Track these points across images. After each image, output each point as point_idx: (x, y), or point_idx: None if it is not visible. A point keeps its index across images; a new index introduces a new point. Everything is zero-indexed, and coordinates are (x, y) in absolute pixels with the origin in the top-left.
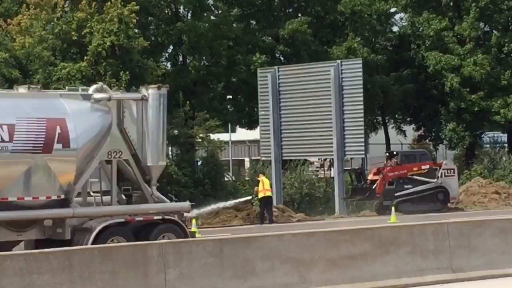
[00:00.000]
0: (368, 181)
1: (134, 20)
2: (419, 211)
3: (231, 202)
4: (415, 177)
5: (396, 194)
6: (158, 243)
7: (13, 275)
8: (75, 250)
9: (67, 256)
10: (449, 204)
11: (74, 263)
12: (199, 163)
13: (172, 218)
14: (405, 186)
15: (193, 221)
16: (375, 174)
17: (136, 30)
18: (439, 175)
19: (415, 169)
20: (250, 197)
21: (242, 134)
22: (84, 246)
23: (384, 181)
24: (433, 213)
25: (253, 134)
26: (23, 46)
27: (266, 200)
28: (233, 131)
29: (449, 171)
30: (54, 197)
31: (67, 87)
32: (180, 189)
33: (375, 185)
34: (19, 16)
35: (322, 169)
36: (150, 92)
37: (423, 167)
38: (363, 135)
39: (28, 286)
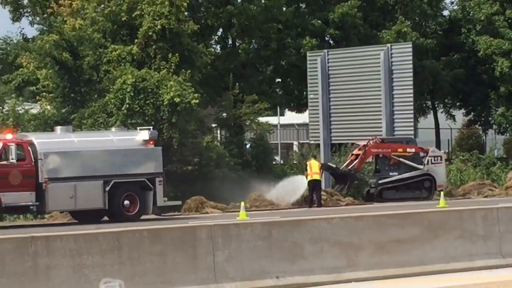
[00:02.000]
0: (348, 164)
1: (185, 4)
2: (403, 198)
3: None
4: (401, 160)
5: (380, 182)
6: (207, 225)
7: (63, 256)
8: (124, 231)
9: (117, 237)
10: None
11: (123, 244)
12: (248, 145)
13: None
14: (391, 174)
15: (242, 204)
16: (359, 149)
17: (186, 13)
18: (426, 162)
19: (400, 150)
20: None
21: (291, 117)
22: (133, 228)
23: (365, 156)
24: (420, 201)
25: (302, 117)
26: (74, 28)
27: (314, 184)
28: (282, 114)
29: (436, 158)
30: None
31: None
32: (228, 171)
33: (353, 163)
34: None
35: None
36: None
37: (408, 149)
38: (412, 119)
39: (78, 267)
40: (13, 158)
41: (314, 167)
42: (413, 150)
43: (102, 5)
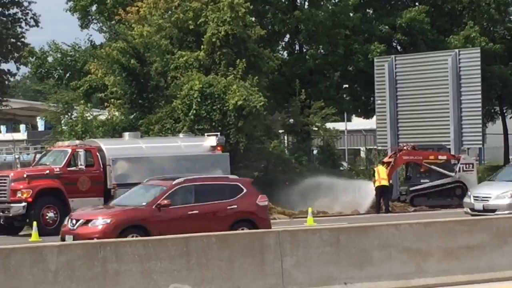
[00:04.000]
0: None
1: (243, 10)
2: (435, 206)
3: None
4: (433, 167)
5: (411, 189)
6: (275, 231)
7: (132, 261)
8: (192, 237)
9: (185, 242)
10: None
11: (192, 250)
12: (315, 151)
13: None
14: (422, 181)
15: (310, 209)
16: (390, 157)
17: (253, 19)
18: (457, 169)
19: (431, 157)
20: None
21: (358, 123)
22: (201, 233)
23: (396, 164)
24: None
25: (369, 123)
26: (141, 35)
27: (382, 189)
28: (349, 120)
29: (467, 165)
30: None
31: None
32: (295, 177)
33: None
34: (139, 4)
35: None
36: None
37: (440, 157)
38: (480, 125)
39: (146, 272)
40: (82, 164)
41: (381, 173)
42: (444, 157)
43: (170, 11)
